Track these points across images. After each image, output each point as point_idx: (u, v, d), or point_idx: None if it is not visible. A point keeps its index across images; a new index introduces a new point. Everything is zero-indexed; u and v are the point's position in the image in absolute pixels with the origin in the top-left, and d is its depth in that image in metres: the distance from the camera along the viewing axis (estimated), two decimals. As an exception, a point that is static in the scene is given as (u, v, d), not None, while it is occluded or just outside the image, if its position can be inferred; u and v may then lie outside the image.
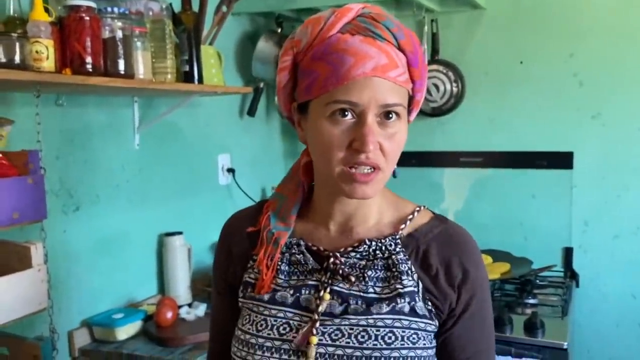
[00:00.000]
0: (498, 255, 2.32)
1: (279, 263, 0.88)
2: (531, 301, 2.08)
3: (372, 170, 0.79)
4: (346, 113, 0.77)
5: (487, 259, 2.29)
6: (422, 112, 2.53)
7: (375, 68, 0.76)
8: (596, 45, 2.31)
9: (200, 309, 1.93)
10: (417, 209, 0.90)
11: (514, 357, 1.80)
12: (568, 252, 2.40)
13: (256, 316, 0.87)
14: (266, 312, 0.86)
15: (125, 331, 1.77)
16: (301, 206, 0.92)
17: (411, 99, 0.84)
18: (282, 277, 0.88)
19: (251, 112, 2.48)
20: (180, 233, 2.08)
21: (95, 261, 1.83)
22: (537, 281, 2.24)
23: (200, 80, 1.87)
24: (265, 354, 0.83)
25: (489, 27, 2.45)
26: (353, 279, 0.83)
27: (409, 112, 0.85)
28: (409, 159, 2.61)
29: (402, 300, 0.82)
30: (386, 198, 0.90)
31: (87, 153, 1.79)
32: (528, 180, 2.44)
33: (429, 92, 2.48)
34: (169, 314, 1.82)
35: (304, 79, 0.81)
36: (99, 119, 1.84)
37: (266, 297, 0.87)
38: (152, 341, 1.76)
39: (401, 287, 0.82)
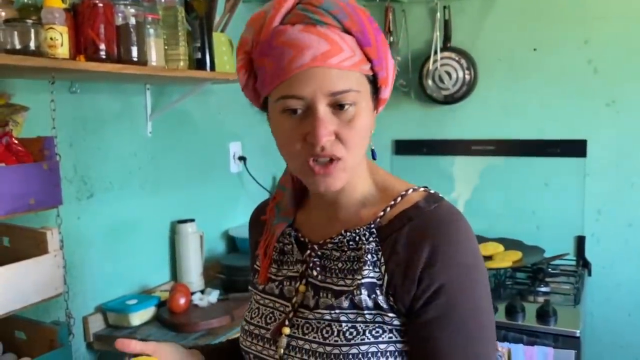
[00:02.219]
0: (510, 244, 2.31)
1: (275, 253, 0.90)
2: (543, 289, 2.07)
3: (331, 161, 0.76)
4: (297, 110, 0.75)
5: (499, 247, 2.28)
6: (433, 100, 2.52)
7: (314, 58, 0.72)
8: (611, 32, 2.28)
9: (213, 296, 1.95)
10: (404, 192, 0.83)
11: (526, 345, 1.80)
12: (580, 241, 2.38)
13: (254, 304, 0.90)
14: (261, 301, 0.89)
15: (139, 317, 1.79)
16: (304, 196, 0.93)
17: (376, 78, 0.79)
18: (276, 266, 0.90)
19: (262, 99, 2.48)
20: (192, 220, 2.09)
21: (109, 247, 1.85)
22: (549, 270, 2.23)
23: (213, 68, 1.87)
24: (253, 340, 0.86)
25: (502, 14, 2.43)
26: (315, 272, 0.83)
27: (379, 90, 0.81)
28: (420, 147, 2.60)
29: (359, 293, 0.77)
30: (373, 182, 0.86)
31: (100, 140, 1.80)
32: (541, 168, 2.43)
33: (441, 79, 2.47)
34: (182, 300, 1.84)
35: (259, 75, 0.79)
36: (112, 106, 1.84)
37: (261, 287, 0.90)
38: (165, 327, 1.78)
39: (360, 278, 0.78)
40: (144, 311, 1.80)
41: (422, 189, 0.84)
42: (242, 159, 2.43)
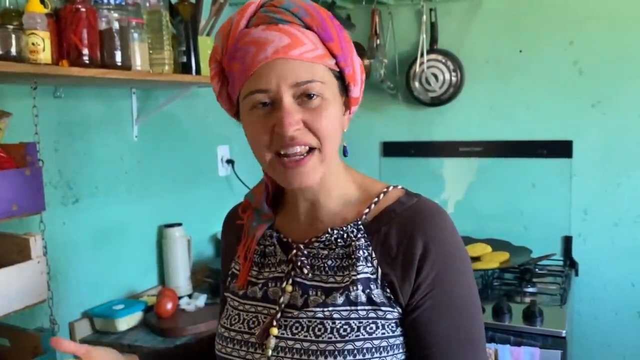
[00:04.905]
0: (497, 245, 2.32)
1: (255, 256, 0.90)
2: (530, 290, 2.08)
3: (307, 153, 0.78)
4: (265, 103, 0.77)
5: (487, 248, 2.29)
6: (420, 102, 2.53)
7: (276, 50, 0.75)
8: (596, 33, 2.30)
9: (201, 300, 1.94)
10: (385, 190, 0.87)
11: (512, 346, 1.80)
12: (567, 241, 2.40)
13: (232, 311, 0.89)
14: (240, 307, 0.88)
15: (125, 322, 1.78)
16: (280, 201, 0.93)
17: (343, 74, 0.82)
18: (256, 269, 0.89)
19: (250, 103, 2.48)
20: (179, 224, 2.08)
21: (95, 252, 1.84)
22: (537, 270, 2.24)
23: (198, 71, 1.86)
24: (235, 346, 0.86)
25: (488, 16, 2.44)
26: (306, 270, 0.83)
27: (348, 87, 0.83)
28: (408, 149, 2.61)
29: (355, 288, 0.79)
30: (352, 181, 0.88)
31: (86, 145, 1.80)
32: (528, 169, 2.44)
33: (427, 82, 2.48)
34: (169, 305, 1.83)
35: (230, 81, 0.81)
36: (97, 111, 1.84)
37: (240, 292, 0.89)
38: (152, 332, 1.78)
39: (355, 274, 0.80)
40: (130, 316, 1.80)
41: (399, 187, 0.88)
42: (230, 162, 2.43)
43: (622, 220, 2.33)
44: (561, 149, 2.37)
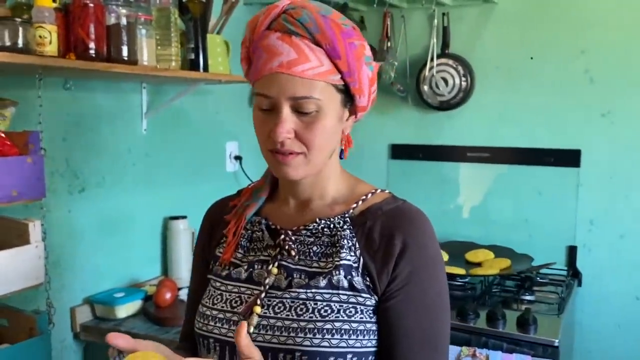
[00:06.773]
0: (500, 251, 2.31)
1: (241, 239, 0.95)
2: (528, 297, 2.07)
3: (291, 153, 0.85)
4: (267, 104, 0.84)
5: (489, 255, 2.29)
6: (429, 106, 2.53)
7: (280, 64, 0.81)
8: (608, 42, 2.27)
9: (200, 292, 1.98)
10: (373, 190, 0.94)
11: (505, 352, 1.80)
12: (572, 251, 2.38)
13: (214, 291, 0.93)
14: (223, 288, 0.93)
15: (125, 310, 1.83)
16: (272, 189, 0.99)
17: (348, 88, 0.87)
18: (242, 252, 0.94)
19: (260, 101, 2.51)
20: (184, 217, 2.13)
21: (100, 241, 1.89)
22: (538, 278, 2.23)
23: (206, 69, 1.90)
24: (217, 324, 0.89)
25: (500, 22, 2.43)
26: (293, 252, 0.89)
27: (354, 98, 0.88)
28: (415, 152, 2.61)
29: (338, 273, 0.85)
30: (345, 180, 0.95)
31: (95, 136, 1.85)
32: (535, 177, 2.42)
33: (436, 86, 2.48)
34: (168, 295, 1.88)
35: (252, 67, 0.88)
36: (107, 104, 1.89)
37: (224, 273, 0.94)
38: (150, 320, 1.82)
39: (338, 259, 0.86)
40: (130, 304, 1.85)
41: (387, 191, 0.95)
42: (238, 158, 2.47)
43: (628, 232, 2.30)
44: (569, 157, 2.35)
